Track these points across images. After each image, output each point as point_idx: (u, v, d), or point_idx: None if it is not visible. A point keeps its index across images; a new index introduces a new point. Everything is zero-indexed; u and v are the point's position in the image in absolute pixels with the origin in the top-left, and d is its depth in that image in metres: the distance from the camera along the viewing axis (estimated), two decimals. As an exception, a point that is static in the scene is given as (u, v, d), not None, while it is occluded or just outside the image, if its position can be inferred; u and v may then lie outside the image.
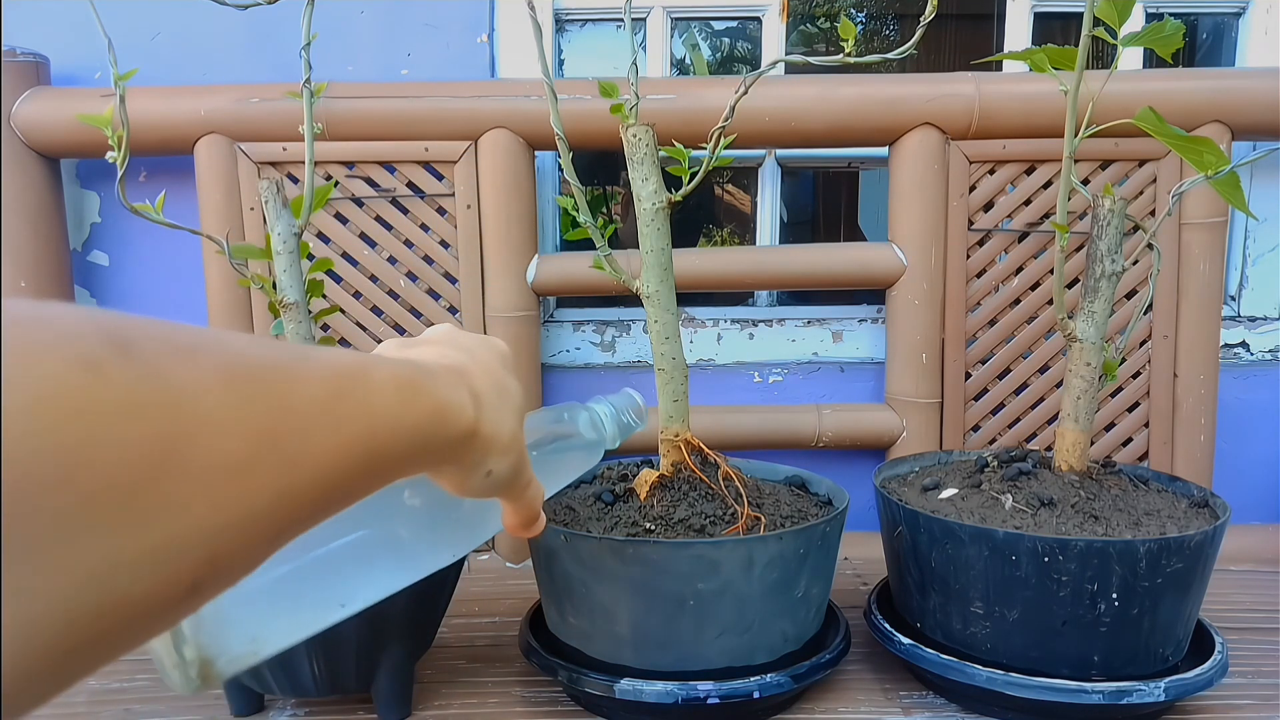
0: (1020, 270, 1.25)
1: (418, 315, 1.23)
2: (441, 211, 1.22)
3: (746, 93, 0.81)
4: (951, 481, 0.92)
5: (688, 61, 2.16)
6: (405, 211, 1.22)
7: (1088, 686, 0.78)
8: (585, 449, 0.60)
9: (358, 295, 1.23)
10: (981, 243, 1.24)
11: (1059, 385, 1.23)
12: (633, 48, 0.84)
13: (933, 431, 1.25)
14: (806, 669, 0.82)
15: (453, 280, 1.23)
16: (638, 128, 0.83)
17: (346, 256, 1.22)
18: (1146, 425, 1.25)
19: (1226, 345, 1.31)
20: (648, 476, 0.86)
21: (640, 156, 0.83)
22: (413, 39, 1.27)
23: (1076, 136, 0.83)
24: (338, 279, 1.22)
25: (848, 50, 0.78)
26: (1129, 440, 1.26)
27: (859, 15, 3.09)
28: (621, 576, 0.78)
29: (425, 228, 1.22)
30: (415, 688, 0.88)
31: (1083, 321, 0.89)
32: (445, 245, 1.22)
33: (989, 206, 1.24)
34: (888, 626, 0.89)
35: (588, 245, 1.27)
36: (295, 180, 1.19)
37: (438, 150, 1.20)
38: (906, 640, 0.87)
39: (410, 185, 1.21)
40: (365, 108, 1.18)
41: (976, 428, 1.27)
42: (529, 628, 0.90)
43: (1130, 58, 1.33)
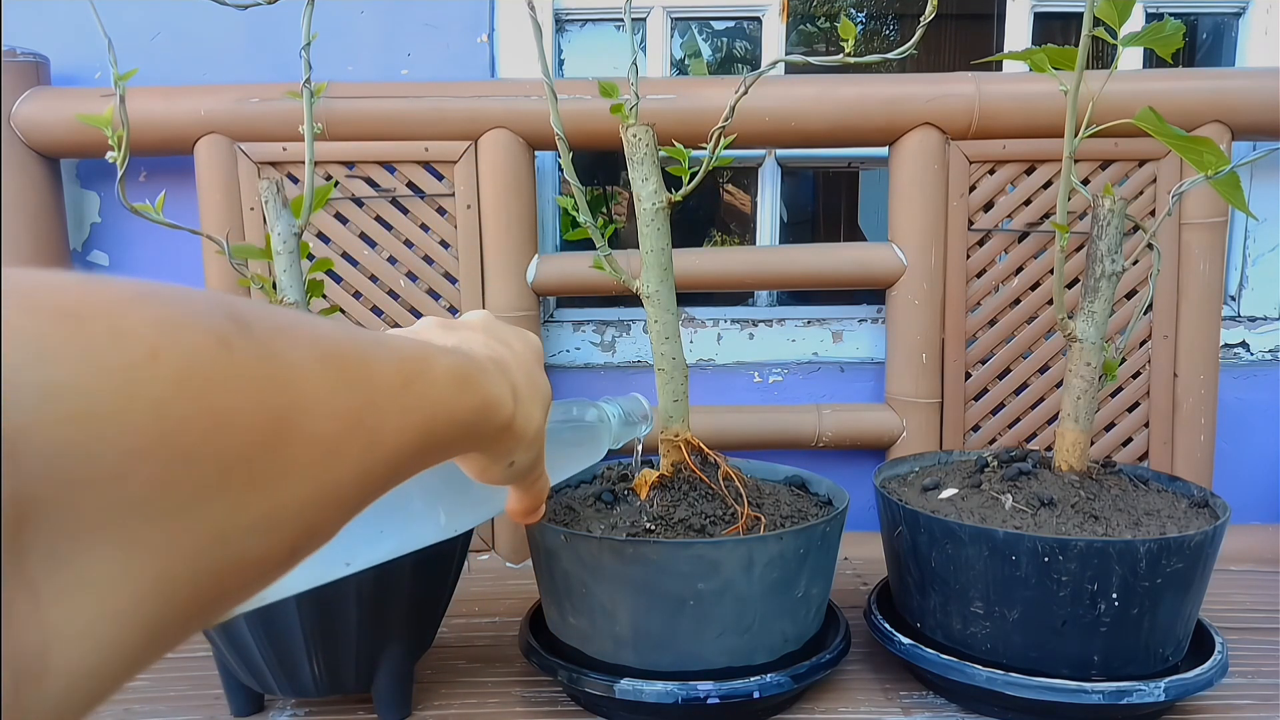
0: (1020, 270, 1.25)
1: (418, 315, 1.23)
2: (441, 211, 1.22)
3: (746, 93, 0.81)
4: (951, 481, 0.92)
5: (687, 63, 2.16)
6: (405, 211, 1.22)
7: (1088, 686, 0.78)
8: (590, 445, 0.61)
9: (358, 295, 1.23)
10: (981, 243, 1.24)
11: (1059, 385, 1.23)
12: (633, 48, 0.84)
13: (933, 431, 1.25)
14: (806, 669, 0.82)
15: (453, 280, 1.23)
16: (638, 128, 0.83)
17: (346, 256, 1.22)
18: (1146, 425, 1.25)
19: (1226, 345, 1.31)
20: (648, 476, 0.86)
21: (640, 156, 0.83)
22: (413, 39, 1.27)
23: (1076, 136, 0.83)
24: (338, 279, 1.22)
25: (848, 50, 0.78)
26: (1129, 440, 1.26)
27: (859, 15, 3.09)
28: (621, 576, 0.78)
29: (425, 228, 1.22)
30: (415, 688, 0.88)
31: (1083, 321, 0.89)
32: (445, 245, 1.22)
33: (989, 206, 1.24)
34: (888, 626, 0.89)
35: (588, 245, 1.28)
36: (295, 180, 1.19)
37: (438, 150, 1.20)
38: (906, 640, 0.87)
39: (410, 185, 1.21)
40: (365, 108, 1.18)
41: (976, 428, 1.27)
42: (529, 628, 0.90)
43: (1130, 58, 1.32)
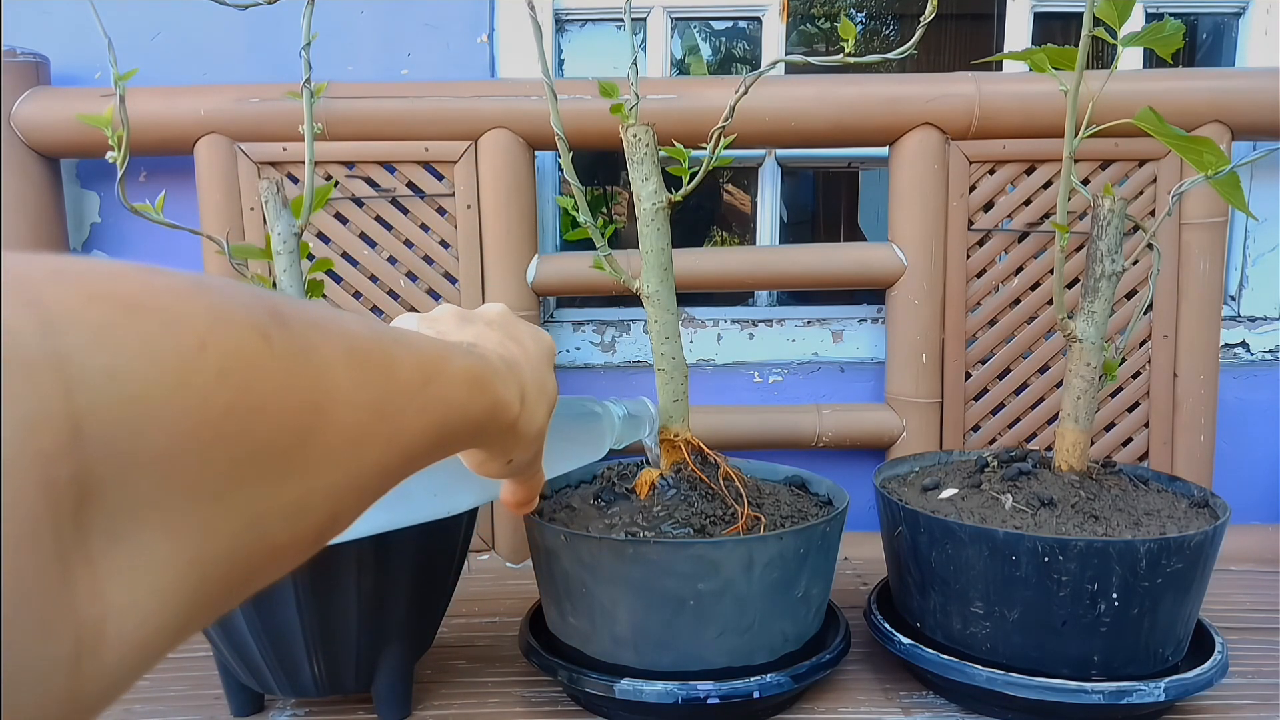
0: (1020, 270, 1.25)
1: (418, 315, 1.23)
2: (441, 211, 1.22)
3: (746, 93, 0.81)
4: (951, 481, 0.92)
5: (687, 62, 2.16)
6: (405, 211, 1.22)
7: (1087, 686, 0.78)
8: (591, 443, 0.61)
9: (358, 295, 1.23)
10: (981, 243, 1.24)
11: (1059, 385, 1.23)
12: (633, 48, 0.84)
13: (933, 431, 1.25)
14: (806, 669, 0.82)
15: (453, 280, 1.23)
16: (638, 128, 0.83)
17: (346, 256, 1.22)
18: (1146, 425, 1.25)
19: (1226, 345, 1.31)
20: (648, 476, 0.87)
21: (640, 156, 0.83)
22: (413, 39, 1.27)
23: (1076, 136, 0.83)
24: (338, 279, 1.22)
25: (848, 50, 0.78)
26: (1129, 440, 1.26)
27: (859, 15, 3.09)
28: (621, 576, 0.78)
29: (425, 228, 1.22)
30: (415, 688, 0.88)
31: (1083, 321, 0.89)
32: (445, 245, 1.22)
33: (989, 206, 1.24)
34: (888, 626, 0.89)
35: (588, 245, 1.28)
36: (295, 180, 1.19)
37: (438, 150, 1.20)
38: (906, 640, 0.87)
39: (410, 185, 1.21)
40: (365, 108, 1.18)
41: (976, 428, 1.27)
42: (529, 628, 0.90)
43: (1130, 58, 1.32)
